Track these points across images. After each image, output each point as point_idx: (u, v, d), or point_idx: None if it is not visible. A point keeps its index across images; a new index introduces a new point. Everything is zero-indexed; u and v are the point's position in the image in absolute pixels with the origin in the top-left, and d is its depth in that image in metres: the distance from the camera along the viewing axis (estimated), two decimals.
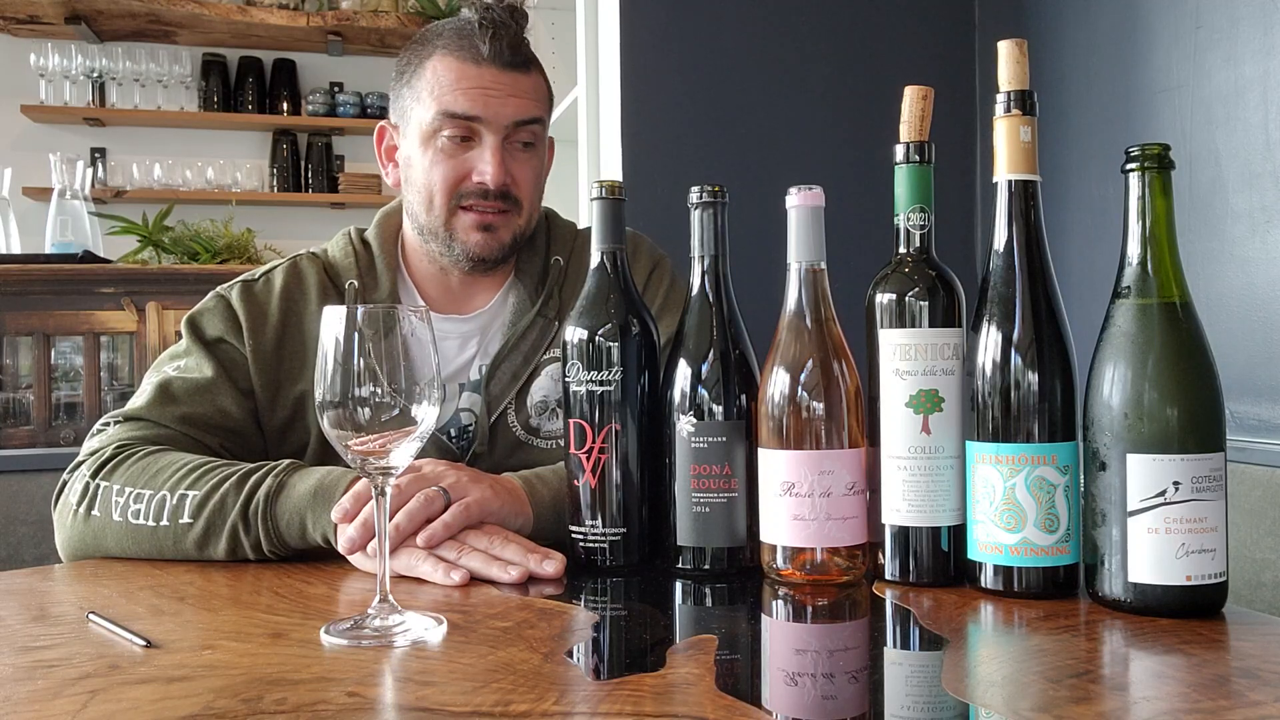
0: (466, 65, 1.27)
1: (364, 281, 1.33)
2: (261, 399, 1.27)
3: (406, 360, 0.82)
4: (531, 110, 1.29)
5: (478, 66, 1.26)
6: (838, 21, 2.21)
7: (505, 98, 1.27)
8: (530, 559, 0.99)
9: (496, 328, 1.37)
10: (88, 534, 1.12)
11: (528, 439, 1.33)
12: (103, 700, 0.67)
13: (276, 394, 1.28)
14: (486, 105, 1.26)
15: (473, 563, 0.99)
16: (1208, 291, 1.62)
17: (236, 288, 1.31)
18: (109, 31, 4.45)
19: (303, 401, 1.28)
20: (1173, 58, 1.73)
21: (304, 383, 1.28)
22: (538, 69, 1.33)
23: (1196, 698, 0.65)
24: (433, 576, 0.97)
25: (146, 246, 3.21)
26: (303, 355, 1.29)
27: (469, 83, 1.26)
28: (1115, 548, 0.84)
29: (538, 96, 1.31)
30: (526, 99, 1.29)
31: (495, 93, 1.26)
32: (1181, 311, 0.84)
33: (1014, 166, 0.91)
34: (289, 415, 1.28)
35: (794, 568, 0.95)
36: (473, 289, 1.38)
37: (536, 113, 1.30)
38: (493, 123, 1.27)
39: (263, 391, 1.27)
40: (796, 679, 0.74)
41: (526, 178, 1.31)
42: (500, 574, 0.97)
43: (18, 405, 2.66)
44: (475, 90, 1.26)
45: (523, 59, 1.29)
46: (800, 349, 0.96)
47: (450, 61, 1.27)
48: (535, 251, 1.40)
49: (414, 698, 0.68)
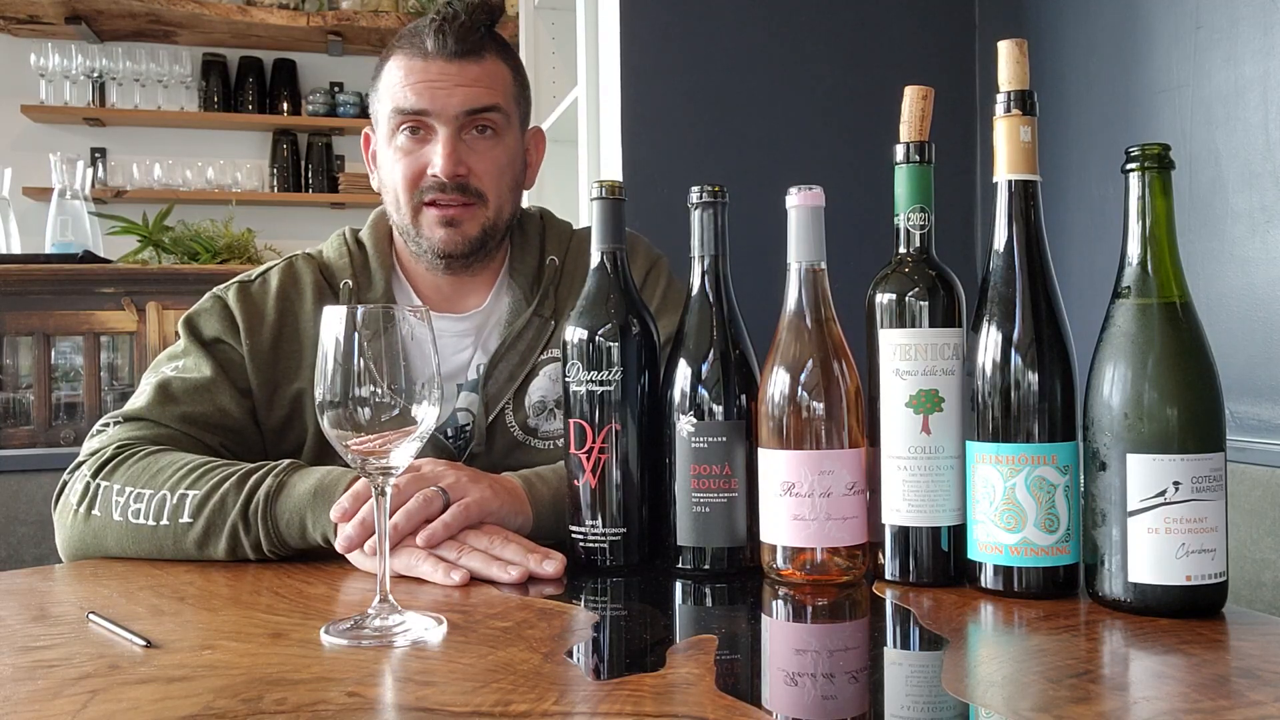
0: (414, 61, 1.27)
1: (358, 281, 1.33)
2: (259, 398, 1.27)
3: (406, 360, 0.82)
4: (483, 98, 1.28)
5: (424, 60, 1.27)
6: (838, 21, 2.21)
7: (452, 88, 1.26)
8: (530, 559, 0.99)
9: (492, 326, 1.37)
10: (88, 534, 1.12)
11: (525, 439, 1.33)
12: (103, 700, 0.67)
13: (274, 393, 1.28)
14: (433, 98, 1.26)
15: (473, 562, 0.99)
16: (1208, 291, 1.62)
17: (233, 288, 1.32)
18: (109, 31, 4.45)
19: (300, 400, 1.28)
20: (1173, 58, 1.73)
21: (300, 381, 1.28)
22: (496, 55, 1.31)
23: (1196, 698, 0.65)
24: (433, 576, 0.97)
25: (146, 246, 3.21)
26: (299, 354, 1.29)
27: (415, 77, 1.27)
28: (1115, 548, 0.84)
29: (492, 83, 1.29)
30: (477, 87, 1.28)
31: (441, 84, 1.26)
32: (1181, 311, 0.84)
33: (1014, 166, 0.91)
34: (286, 414, 1.28)
35: (794, 568, 0.95)
36: (464, 287, 1.38)
37: (489, 100, 1.28)
38: (441, 114, 1.26)
39: (260, 391, 1.27)
40: (796, 679, 0.74)
41: (486, 168, 1.30)
42: (500, 574, 0.97)
43: (18, 405, 2.65)
44: (421, 84, 1.26)
45: (470, 47, 1.27)
46: (800, 349, 0.96)
47: (401, 60, 1.28)
48: (530, 251, 1.40)
49: (414, 698, 0.68)
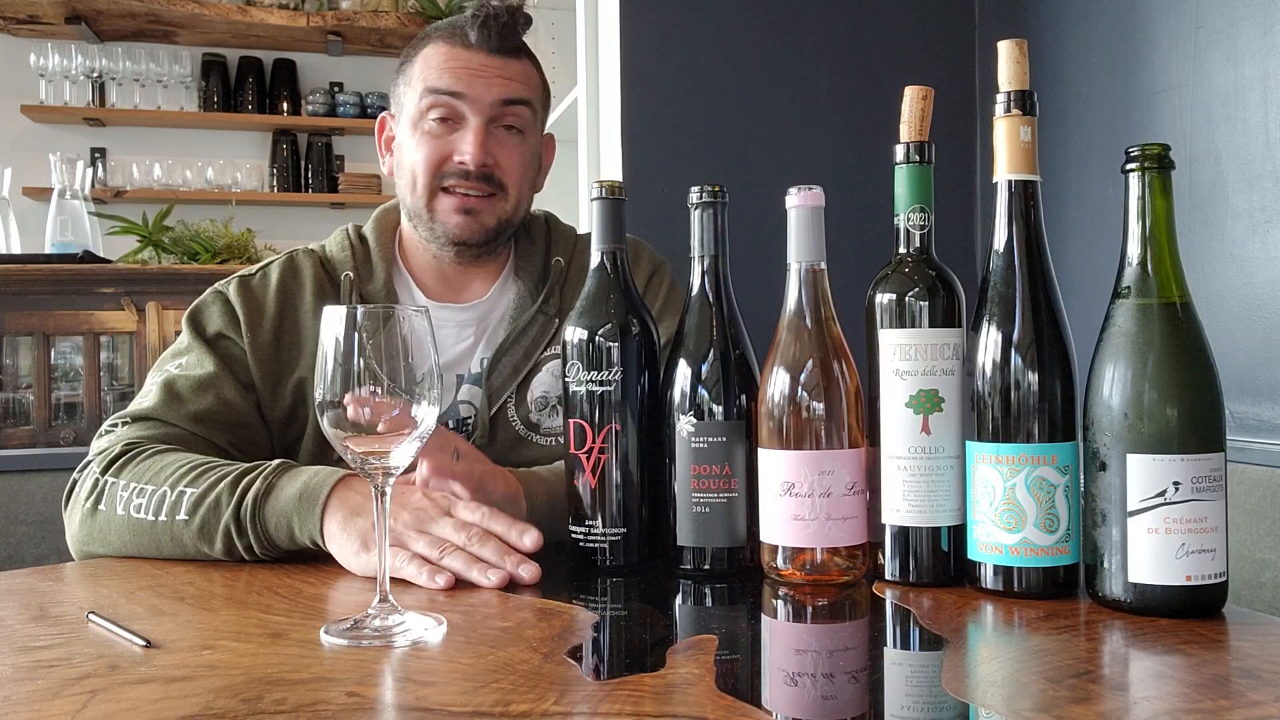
0: (455, 49, 1.30)
1: (359, 273, 1.35)
2: (263, 390, 1.28)
3: (406, 360, 0.82)
4: (518, 91, 1.30)
5: (466, 50, 1.29)
6: (838, 21, 2.21)
7: (491, 78, 1.29)
8: (508, 561, 0.98)
9: (495, 319, 1.38)
10: (95, 529, 1.12)
11: (528, 434, 1.34)
12: (103, 700, 0.67)
13: (277, 384, 1.29)
14: (471, 83, 1.28)
15: (454, 564, 0.98)
16: (1208, 291, 1.62)
17: (234, 283, 1.33)
18: (109, 31, 4.45)
19: (301, 388, 1.29)
20: (1173, 58, 1.73)
21: (302, 370, 1.29)
22: (530, 59, 1.34)
23: (1196, 698, 0.65)
24: (416, 579, 0.97)
25: (146, 246, 3.21)
26: (300, 345, 1.30)
27: (456, 63, 1.29)
28: (1115, 548, 0.84)
29: (527, 81, 1.32)
30: (514, 81, 1.30)
31: (481, 73, 1.29)
32: (1181, 311, 0.84)
33: (1014, 166, 0.91)
34: (290, 404, 1.30)
35: (794, 568, 0.95)
36: (468, 278, 1.39)
37: (524, 94, 1.31)
38: (477, 101, 1.28)
39: (263, 383, 1.28)
40: (796, 679, 0.74)
41: (512, 163, 1.31)
42: (480, 578, 0.96)
43: (18, 405, 2.65)
44: (461, 69, 1.29)
45: (512, 46, 1.31)
46: (800, 349, 0.96)
47: (441, 47, 1.31)
48: (536, 250, 1.41)
49: (414, 698, 0.68)
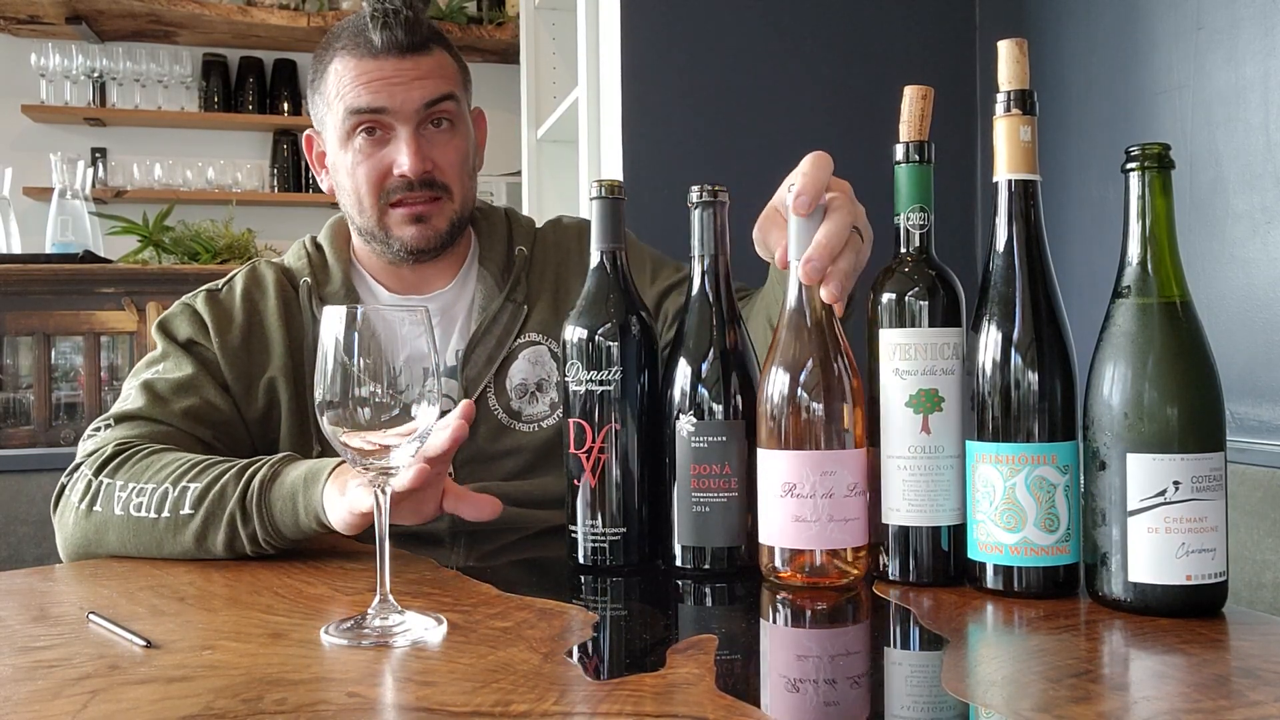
0: (364, 60, 1.27)
1: (317, 279, 1.36)
2: (238, 393, 1.30)
3: (407, 360, 0.82)
4: (439, 88, 1.28)
5: (375, 59, 1.26)
6: (838, 21, 2.21)
7: (409, 83, 1.26)
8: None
9: (459, 310, 1.39)
10: (90, 530, 1.12)
11: (510, 423, 1.35)
12: (103, 700, 0.67)
13: (250, 386, 1.30)
14: (391, 95, 1.26)
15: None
16: (1208, 291, 1.62)
17: (200, 295, 1.35)
18: (109, 31, 4.45)
19: (273, 387, 1.31)
20: (1173, 58, 1.73)
21: (272, 370, 1.31)
22: (440, 45, 1.31)
23: (1196, 698, 0.65)
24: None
25: (147, 246, 3.21)
26: (267, 348, 1.32)
27: (368, 75, 1.26)
28: (1115, 547, 0.84)
29: (444, 73, 1.30)
30: (432, 78, 1.28)
31: (398, 80, 1.26)
32: (1181, 311, 0.84)
33: (1014, 166, 0.91)
34: (264, 405, 1.31)
35: (794, 569, 0.95)
36: (426, 273, 1.40)
37: (445, 89, 1.29)
38: (401, 111, 1.27)
39: (236, 385, 1.30)
40: (796, 680, 0.74)
41: (450, 160, 1.31)
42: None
43: (18, 405, 2.65)
44: (377, 82, 1.26)
45: (420, 40, 1.28)
46: (800, 349, 0.96)
47: (348, 60, 1.28)
48: (497, 241, 1.43)
49: (414, 698, 0.68)
